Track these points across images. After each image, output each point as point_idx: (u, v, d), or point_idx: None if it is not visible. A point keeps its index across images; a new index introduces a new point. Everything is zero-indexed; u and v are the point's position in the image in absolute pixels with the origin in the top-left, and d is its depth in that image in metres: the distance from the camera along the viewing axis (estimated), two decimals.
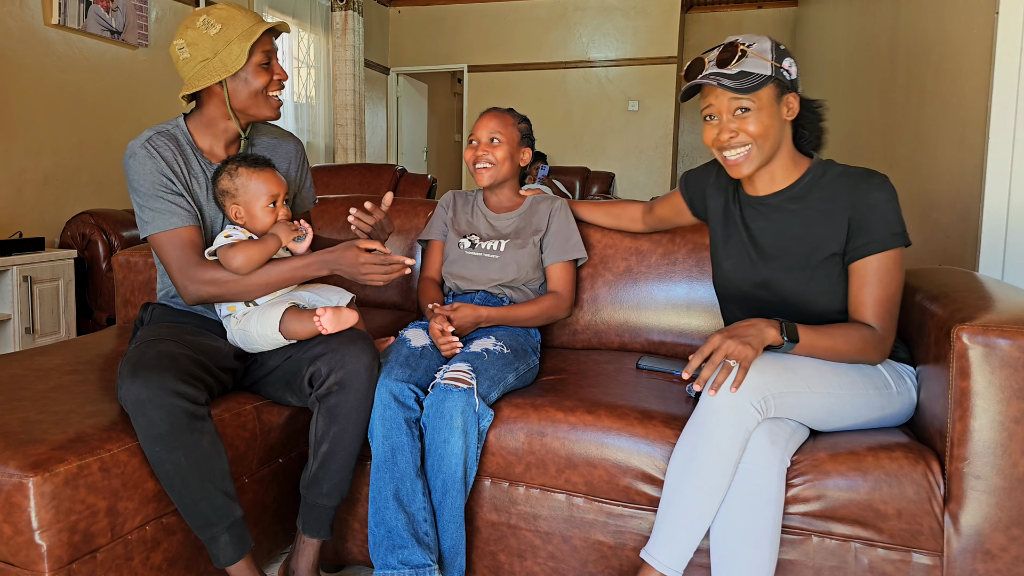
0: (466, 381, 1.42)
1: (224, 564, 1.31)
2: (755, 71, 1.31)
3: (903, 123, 3.16)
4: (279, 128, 1.75)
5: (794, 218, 1.41)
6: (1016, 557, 1.17)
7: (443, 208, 1.95)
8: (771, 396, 1.23)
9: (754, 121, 1.33)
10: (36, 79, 3.49)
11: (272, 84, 1.53)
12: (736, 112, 1.33)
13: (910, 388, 1.39)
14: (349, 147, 6.32)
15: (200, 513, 1.27)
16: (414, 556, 1.36)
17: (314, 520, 1.44)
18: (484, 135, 1.81)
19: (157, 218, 1.44)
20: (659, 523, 1.28)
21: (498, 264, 1.78)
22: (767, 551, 1.20)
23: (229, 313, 1.50)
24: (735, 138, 1.35)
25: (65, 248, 3.45)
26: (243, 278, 1.43)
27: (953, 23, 2.58)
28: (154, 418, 1.21)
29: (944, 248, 2.57)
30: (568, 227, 1.84)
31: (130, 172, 1.45)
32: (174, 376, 1.24)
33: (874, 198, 1.33)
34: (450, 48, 7.35)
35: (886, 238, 1.32)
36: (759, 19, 7.26)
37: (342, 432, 1.41)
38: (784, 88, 1.35)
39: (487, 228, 1.87)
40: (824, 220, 1.37)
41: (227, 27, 1.45)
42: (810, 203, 1.39)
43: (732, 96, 1.32)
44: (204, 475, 1.25)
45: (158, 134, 1.49)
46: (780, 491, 1.22)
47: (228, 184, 1.48)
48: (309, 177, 1.79)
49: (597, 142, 7.04)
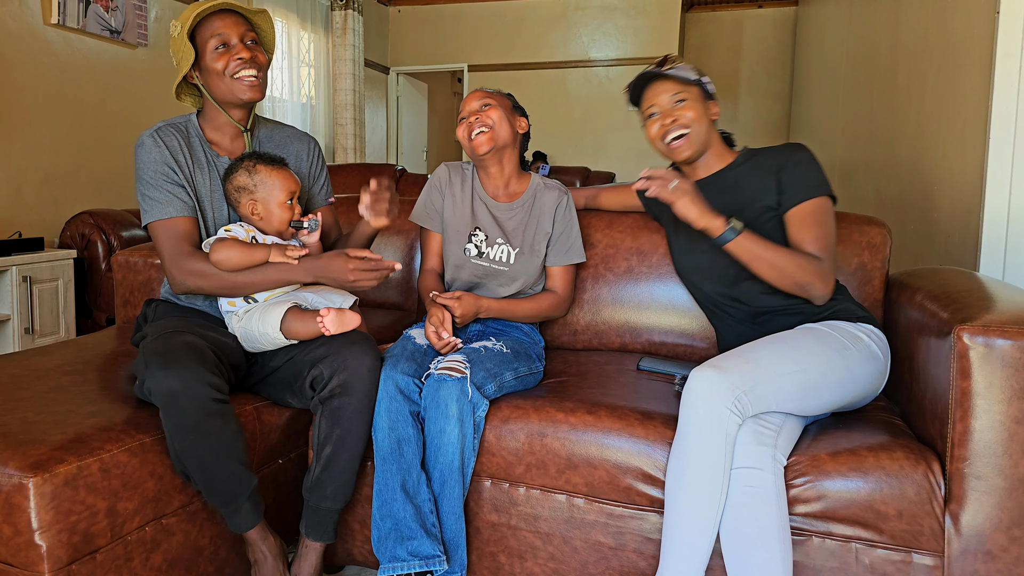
0: (459, 370, 1.42)
1: (245, 529, 1.37)
2: (685, 75, 1.60)
3: (903, 123, 3.16)
4: (295, 129, 1.76)
5: (729, 184, 1.61)
6: (1017, 557, 1.17)
7: (437, 190, 1.80)
8: (743, 393, 1.23)
9: (690, 108, 1.58)
10: (35, 79, 3.49)
11: (231, 64, 1.51)
12: (676, 103, 1.59)
13: (870, 344, 1.40)
14: (349, 147, 6.32)
15: (227, 489, 1.32)
16: (423, 547, 1.35)
17: (317, 523, 1.44)
18: (474, 105, 1.72)
19: (155, 207, 1.47)
20: (665, 545, 1.27)
21: (507, 276, 1.73)
22: (778, 550, 1.19)
23: (230, 309, 1.51)
24: (676, 122, 1.58)
25: (64, 248, 3.45)
26: (228, 274, 1.44)
27: (953, 23, 2.58)
28: (188, 408, 1.24)
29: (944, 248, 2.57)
30: (573, 229, 1.79)
31: (137, 160, 1.50)
32: (204, 367, 1.27)
33: (797, 157, 1.54)
34: (450, 48, 7.35)
35: (814, 187, 1.50)
36: (759, 19, 7.26)
37: (345, 435, 1.41)
38: (707, 95, 1.63)
39: (491, 223, 1.75)
40: (755, 182, 1.57)
41: (183, 25, 1.49)
42: (742, 171, 1.61)
43: (671, 91, 1.58)
44: (232, 454, 1.31)
45: (168, 125, 1.54)
46: (779, 489, 1.22)
47: (246, 180, 1.50)
48: (324, 176, 1.76)
49: (597, 142, 7.04)
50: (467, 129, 1.71)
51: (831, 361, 1.34)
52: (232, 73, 1.52)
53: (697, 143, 1.59)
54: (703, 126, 1.59)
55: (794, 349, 1.34)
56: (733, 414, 1.22)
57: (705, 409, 1.23)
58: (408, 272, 2.28)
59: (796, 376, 1.29)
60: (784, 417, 1.30)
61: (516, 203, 1.78)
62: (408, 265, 2.27)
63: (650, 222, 1.96)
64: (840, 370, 1.35)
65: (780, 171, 1.53)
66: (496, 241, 1.74)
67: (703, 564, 1.24)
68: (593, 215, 2.02)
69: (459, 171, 1.83)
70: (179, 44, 1.51)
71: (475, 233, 1.75)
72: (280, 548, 1.43)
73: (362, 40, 6.48)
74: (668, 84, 1.59)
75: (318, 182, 1.75)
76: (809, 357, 1.33)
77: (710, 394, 1.23)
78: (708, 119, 1.61)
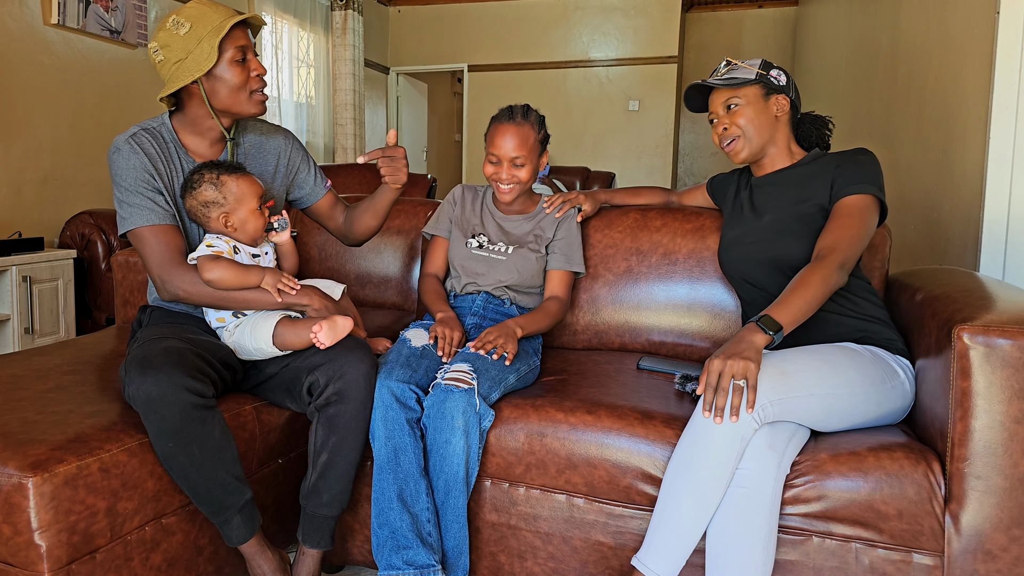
0: (467, 382, 1.42)
1: (237, 543, 1.34)
2: (741, 76, 1.60)
3: (903, 123, 3.16)
4: (266, 123, 1.71)
5: (791, 181, 1.62)
6: (1017, 557, 1.17)
7: (450, 204, 1.91)
8: (768, 404, 1.23)
9: (741, 113, 1.60)
10: (35, 79, 3.49)
11: (252, 80, 1.48)
12: (728, 108, 1.61)
13: (904, 382, 1.39)
14: (349, 147, 6.32)
15: (215, 499, 1.29)
16: (419, 557, 1.36)
17: (314, 530, 1.44)
18: (506, 156, 1.71)
19: (136, 213, 1.43)
20: (652, 530, 1.27)
21: (504, 266, 1.77)
22: (760, 555, 1.20)
23: (220, 325, 1.49)
24: (727, 130, 1.62)
25: (64, 248, 3.44)
26: (219, 292, 1.42)
27: (953, 23, 2.58)
28: (166, 415, 1.21)
29: (945, 248, 2.57)
30: (575, 238, 1.84)
31: (113, 167, 1.44)
32: (182, 372, 1.24)
33: (857, 157, 1.54)
34: (450, 48, 7.35)
35: (862, 184, 1.48)
36: (759, 19, 7.26)
37: (341, 442, 1.41)
38: (771, 89, 1.61)
39: (496, 230, 1.84)
40: (817, 181, 1.56)
41: (197, 25, 1.42)
42: (806, 170, 1.61)
43: (723, 97, 1.61)
44: (217, 464, 1.28)
45: (143, 130, 1.48)
46: (775, 496, 1.22)
47: (214, 195, 1.45)
48: (309, 165, 1.73)
49: (597, 142, 7.04)
50: (495, 174, 1.75)
51: (865, 393, 1.33)
52: (251, 88, 1.48)
53: (753, 144, 1.61)
54: (757, 127, 1.60)
55: (835, 372, 1.31)
56: (754, 420, 1.22)
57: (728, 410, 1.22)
58: (408, 272, 2.28)
59: (827, 400, 1.29)
60: (798, 426, 1.30)
61: (522, 216, 1.86)
62: (408, 265, 2.27)
63: (649, 222, 1.96)
64: (871, 404, 1.34)
65: (838, 167, 1.53)
66: (498, 241, 1.82)
67: (687, 554, 1.25)
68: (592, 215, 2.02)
69: (473, 190, 1.94)
70: (188, 44, 1.42)
71: (479, 235, 1.83)
72: (279, 563, 1.40)
73: (362, 40, 6.48)
74: (721, 91, 1.62)
75: (307, 171, 1.72)
76: (846, 385, 1.31)
77: (738, 399, 1.22)
78: (767, 117, 1.60)
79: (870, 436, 1.32)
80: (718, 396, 1.23)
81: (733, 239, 1.70)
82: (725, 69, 1.62)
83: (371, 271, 2.27)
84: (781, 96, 1.61)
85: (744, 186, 1.76)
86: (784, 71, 1.63)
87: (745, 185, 1.76)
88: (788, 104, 1.61)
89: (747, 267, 1.64)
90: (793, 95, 1.63)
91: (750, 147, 1.61)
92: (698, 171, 7.71)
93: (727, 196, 1.82)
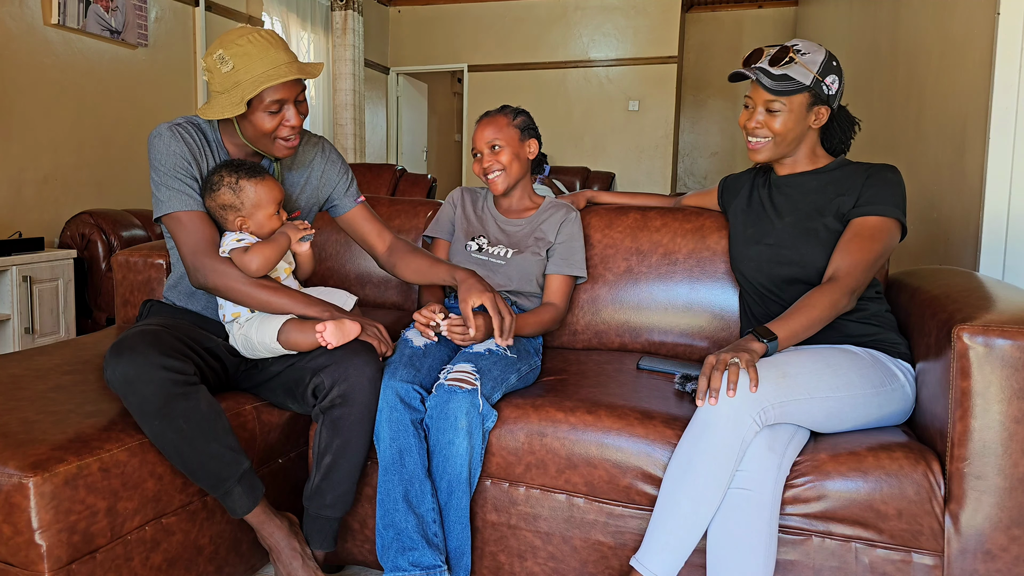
0: (470, 382, 1.42)
1: (241, 514, 1.34)
2: (796, 77, 1.47)
3: (903, 123, 3.16)
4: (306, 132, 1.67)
5: (812, 186, 1.58)
6: (1017, 557, 1.17)
7: (451, 205, 1.93)
8: (770, 406, 1.23)
9: (780, 120, 1.51)
10: (35, 79, 3.49)
11: (280, 128, 1.45)
12: (768, 107, 1.51)
13: (904, 385, 1.39)
14: (349, 147, 6.32)
15: (211, 472, 1.29)
16: (424, 557, 1.36)
17: (317, 532, 1.44)
18: (483, 145, 1.79)
19: (175, 197, 1.42)
20: (651, 531, 1.27)
21: (504, 271, 1.78)
22: (762, 556, 1.20)
23: (233, 319, 1.49)
24: (760, 129, 1.54)
25: (64, 248, 3.45)
26: (250, 290, 1.41)
27: (953, 23, 2.58)
28: (146, 393, 1.21)
29: (944, 248, 2.57)
30: (576, 241, 1.83)
31: (153, 151, 1.44)
32: (158, 351, 1.24)
33: (886, 175, 1.49)
34: (450, 48, 7.35)
35: (885, 207, 1.45)
36: (759, 19, 7.26)
37: (345, 445, 1.41)
38: (819, 100, 1.51)
39: (496, 232, 1.85)
40: (840, 189, 1.53)
41: (239, 69, 1.38)
42: (829, 177, 1.57)
43: (768, 97, 1.50)
44: (208, 435, 1.27)
45: (188, 122, 1.48)
46: (776, 498, 1.22)
47: (231, 199, 1.44)
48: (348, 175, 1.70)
49: (597, 142, 7.04)
50: (480, 168, 1.81)
51: (865, 396, 1.33)
52: (279, 136, 1.46)
53: (778, 150, 1.56)
54: (792, 136, 1.53)
55: (835, 375, 1.31)
56: (755, 422, 1.22)
57: (729, 413, 1.22)
58: None
59: (827, 402, 1.29)
60: (797, 428, 1.30)
61: (524, 219, 1.86)
62: None
63: (649, 222, 1.96)
64: (871, 407, 1.34)
65: (866, 180, 1.49)
66: (498, 244, 1.83)
67: (685, 556, 1.25)
68: (592, 215, 2.02)
69: (472, 192, 1.96)
70: (225, 83, 1.39)
71: (480, 237, 1.84)
72: (290, 526, 1.40)
73: (362, 40, 6.48)
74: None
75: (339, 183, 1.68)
76: (846, 387, 1.31)
77: (739, 401, 1.22)
78: (803, 126, 1.53)
79: (870, 436, 1.32)
80: (713, 377, 1.25)
81: (750, 237, 1.66)
82: (785, 62, 1.48)
83: (371, 271, 2.27)
84: (824, 108, 1.52)
85: (763, 184, 1.71)
86: (839, 74, 1.52)
87: (764, 183, 1.71)
88: (828, 115, 1.54)
89: (764, 267, 1.60)
90: (836, 104, 1.55)
91: (775, 152, 1.56)
92: (698, 171, 7.71)
93: (740, 193, 1.77)
